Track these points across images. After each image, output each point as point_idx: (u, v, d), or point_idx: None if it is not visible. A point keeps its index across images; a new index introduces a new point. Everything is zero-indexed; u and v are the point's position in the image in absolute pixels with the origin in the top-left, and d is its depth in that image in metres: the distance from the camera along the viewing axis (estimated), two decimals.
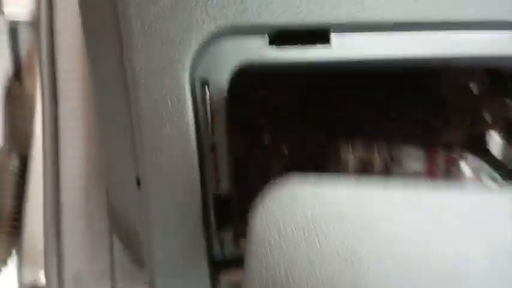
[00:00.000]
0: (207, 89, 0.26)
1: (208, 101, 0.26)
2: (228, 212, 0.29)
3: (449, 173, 0.44)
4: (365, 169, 0.40)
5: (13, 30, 0.52)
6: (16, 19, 0.48)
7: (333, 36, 0.26)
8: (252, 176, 0.37)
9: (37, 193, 0.39)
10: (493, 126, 0.46)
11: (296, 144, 0.38)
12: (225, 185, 0.28)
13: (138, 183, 0.28)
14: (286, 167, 0.38)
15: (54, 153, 0.36)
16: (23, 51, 0.54)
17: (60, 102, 0.36)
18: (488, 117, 0.47)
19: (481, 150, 0.46)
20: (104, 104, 0.29)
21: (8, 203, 0.51)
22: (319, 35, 0.25)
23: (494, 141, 0.45)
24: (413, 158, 0.44)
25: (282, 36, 0.25)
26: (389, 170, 0.41)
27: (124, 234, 0.34)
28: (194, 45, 0.24)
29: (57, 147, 0.36)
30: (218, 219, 0.29)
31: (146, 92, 0.25)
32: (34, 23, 0.38)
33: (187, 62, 0.24)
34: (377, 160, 0.38)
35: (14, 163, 0.51)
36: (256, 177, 0.37)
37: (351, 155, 0.36)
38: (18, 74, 0.55)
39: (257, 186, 0.25)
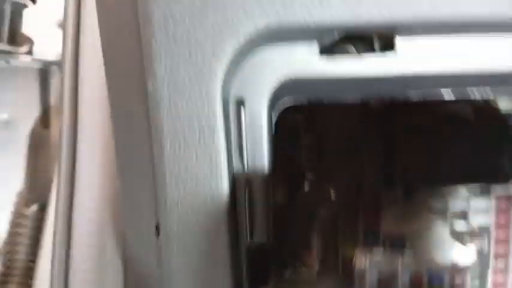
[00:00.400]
0: (242, 109, 0.21)
1: (244, 125, 0.22)
2: (264, 267, 0.24)
3: None
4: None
5: (43, 71, 0.51)
6: (46, 59, 0.46)
7: (399, 41, 0.21)
8: (294, 224, 0.32)
9: None
10: None
11: (344, 188, 0.33)
12: (261, 234, 0.23)
13: (158, 231, 0.24)
14: (332, 214, 0.32)
15: (69, 197, 0.33)
16: (53, 94, 0.52)
17: (80, 138, 0.33)
18: None
19: None
20: (122, 137, 0.26)
21: (23, 250, 0.47)
22: (382, 40, 0.20)
23: None
24: (480, 210, 0.38)
25: (333, 44, 0.21)
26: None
27: None
28: (228, 53, 0.20)
29: (72, 189, 0.33)
30: (252, 276, 0.23)
31: (169, 112, 0.20)
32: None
33: (220, 76, 0.20)
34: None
35: (32, 209, 0.48)
36: (298, 225, 0.32)
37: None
38: (46, 118, 0.53)
39: (299, 236, 0.20)
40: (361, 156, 0.33)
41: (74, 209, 0.32)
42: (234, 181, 0.22)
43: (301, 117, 0.32)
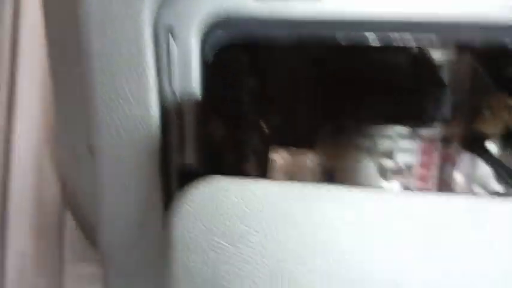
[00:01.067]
0: (171, 37, 0.22)
1: (173, 53, 0.23)
2: None
3: (443, 170, 0.42)
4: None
5: None
6: None
7: None
8: (227, 151, 0.34)
9: None
10: (491, 125, 0.43)
11: (276, 122, 0.34)
12: (191, 157, 0.25)
13: (91, 151, 0.25)
14: (265, 143, 0.34)
15: (7, 119, 0.33)
16: None
17: (19, 61, 0.33)
18: (488, 115, 0.44)
19: (479, 150, 0.43)
20: (56, 60, 0.26)
21: None
22: None
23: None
24: (405, 150, 0.41)
25: None
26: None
27: (77, 210, 0.30)
28: None
29: (10, 112, 0.33)
30: None
31: (100, 38, 0.21)
32: None
33: (150, 3, 0.21)
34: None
35: None
36: (232, 153, 0.34)
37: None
38: None
39: (231, 162, 0.22)
40: (295, 94, 0.35)
41: (12, 131, 0.33)
42: (165, 107, 0.24)
43: (240, 55, 0.33)
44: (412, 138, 0.41)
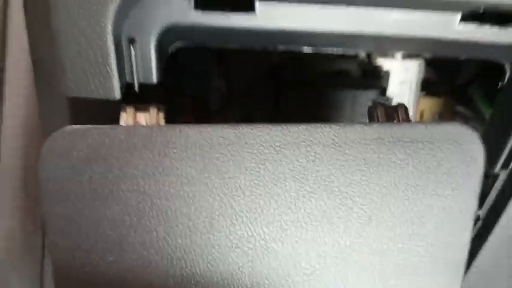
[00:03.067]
0: (132, 46, 0.26)
1: (133, 57, 0.26)
2: None
3: None
4: None
5: None
6: None
7: (258, 5, 0.26)
8: None
9: None
10: None
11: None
12: None
13: None
14: None
15: None
16: None
17: None
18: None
19: None
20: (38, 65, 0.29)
21: None
22: (243, 2, 0.25)
23: None
24: None
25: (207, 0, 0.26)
26: None
27: None
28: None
29: None
30: None
31: (66, 45, 0.25)
32: None
33: (110, 17, 0.24)
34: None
35: None
36: None
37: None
38: None
39: None
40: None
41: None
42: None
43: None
44: None
